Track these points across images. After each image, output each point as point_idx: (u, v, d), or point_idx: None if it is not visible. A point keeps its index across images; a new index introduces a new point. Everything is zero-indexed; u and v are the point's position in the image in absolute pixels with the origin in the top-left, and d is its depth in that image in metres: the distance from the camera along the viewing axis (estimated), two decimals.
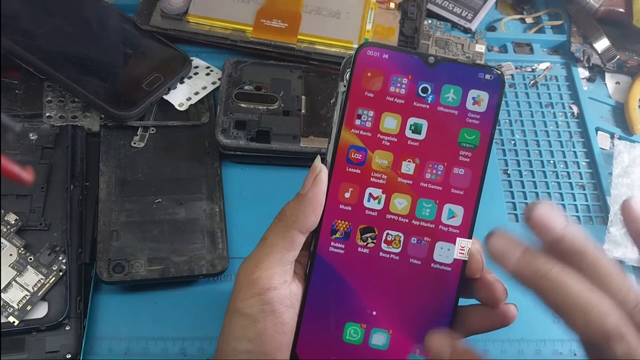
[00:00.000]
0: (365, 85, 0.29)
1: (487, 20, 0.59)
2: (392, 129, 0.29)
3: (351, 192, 0.29)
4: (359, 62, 0.28)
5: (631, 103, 0.54)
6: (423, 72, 0.28)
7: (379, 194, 0.29)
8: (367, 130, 0.29)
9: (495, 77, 0.28)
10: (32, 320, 0.38)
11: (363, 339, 0.29)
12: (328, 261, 0.29)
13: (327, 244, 0.29)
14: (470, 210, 0.29)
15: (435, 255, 0.29)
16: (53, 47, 0.47)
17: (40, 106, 0.46)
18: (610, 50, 0.56)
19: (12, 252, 0.39)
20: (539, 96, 0.55)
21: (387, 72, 0.28)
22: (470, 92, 0.28)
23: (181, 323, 0.41)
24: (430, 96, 0.28)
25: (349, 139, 0.29)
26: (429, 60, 0.28)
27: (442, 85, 0.28)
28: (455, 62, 0.29)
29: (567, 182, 0.50)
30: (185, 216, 0.43)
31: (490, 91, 0.28)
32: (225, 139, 0.45)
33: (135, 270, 0.40)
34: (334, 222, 0.29)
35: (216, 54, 0.52)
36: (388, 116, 0.29)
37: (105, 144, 0.45)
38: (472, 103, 0.28)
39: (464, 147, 0.29)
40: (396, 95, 0.29)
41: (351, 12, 0.52)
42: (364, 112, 0.29)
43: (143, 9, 0.51)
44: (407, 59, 0.28)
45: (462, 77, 0.28)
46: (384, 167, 0.29)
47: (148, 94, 0.46)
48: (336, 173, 0.29)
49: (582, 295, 0.22)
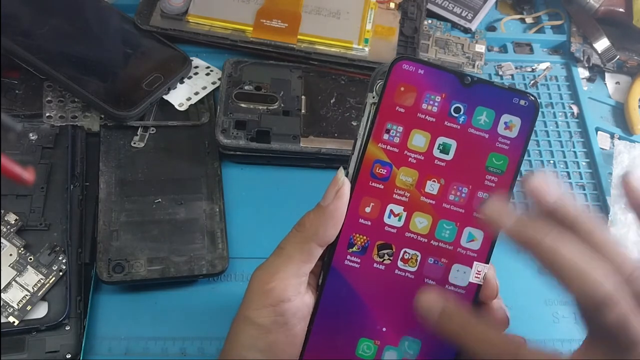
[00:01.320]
0: (397, 100, 0.28)
1: (487, 20, 0.59)
2: (420, 147, 0.28)
3: (372, 207, 0.28)
4: (393, 75, 0.28)
5: (631, 103, 0.54)
6: (457, 92, 0.28)
7: (400, 212, 0.28)
8: (395, 145, 0.28)
9: (529, 103, 0.28)
10: (32, 320, 0.38)
11: (375, 355, 0.29)
12: (342, 274, 0.29)
13: (343, 256, 0.29)
14: (490, 235, 0.28)
15: (450, 277, 0.29)
16: (53, 47, 0.47)
17: (40, 106, 0.46)
18: (610, 50, 0.56)
19: (12, 252, 0.39)
20: (539, 96, 0.55)
21: (420, 88, 0.28)
22: (503, 116, 0.28)
23: (181, 323, 0.41)
24: (462, 117, 0.28)
25: (375, 153, 0.28)
26: (465, 80, 0.28)
27: (476, 106, 0.28)
28: (491, 85, 0.28)
29: (567, 182, 0.50)
30: (185, 216, 0.43)
31: (523, 117, 0.28)
32: (225, 139, 0.45)
33: (135, 270, 0.40)
34: (352, 235, 0.29)
35: (216, 54, 0.52)
36: (417, 133, 0.28)
37: (105, 144, 0.45)
38: (503, 128, 0.28)
39: (491, 171, 0.28)
40: (427, 113, 0.28)
41: (351, 12, 0.52)
42: (393, 126, 0.28)
43: (143, 9, 0.51)
44: (443, 76, 0.28)
45: (497, 100, 0.28)
46: (408, 184, 0.28)
47: (148, 94, 0.46)
48: (359, 186, 0.28)
49: (578, 260, 0.22)
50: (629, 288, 0.23)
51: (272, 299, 0.27)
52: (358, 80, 0.51)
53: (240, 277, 0.43)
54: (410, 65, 0.28)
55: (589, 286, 0.22)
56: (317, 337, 0.29)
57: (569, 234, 0.23)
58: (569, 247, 0.23)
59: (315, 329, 0.29)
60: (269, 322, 0.27)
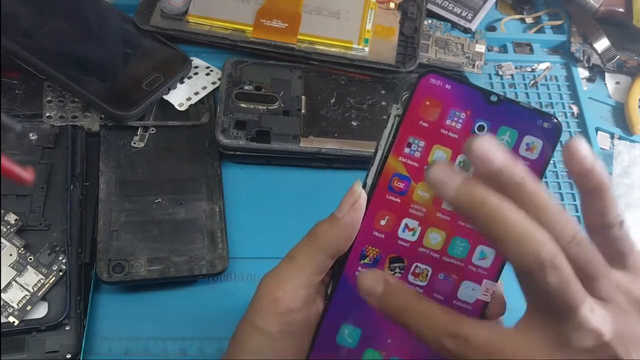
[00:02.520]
0: (422, 114, 0.27)
1: (487, 20, 0.59)
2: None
3: (387, 221, 0.28)
4: (419, 89, 0.27)
5: (631, 103, 0.54)
6: (483, 110, 0.27)
7: (415, 226, 0.28)
8: (415, 160, 0.28)
9: (553, 126, 0.27)
10: (32, 320, 0.38)
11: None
12: (353, 286, 0.28)
13: (354, 268, 0.29)
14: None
15: (459, 293, 0.28)
16: (53, 47, 0.47)
17: (40, 106, 0.46)
18: (610, 50, 0.56)
19: (12, 252, 0.39)
20: (539, 96, 0.55)
21: (446, 104, 0.27)
22: (525, 137, 0.27)
23: (181, 323, 0.41)
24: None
25: (394, 166, 0.28)
26: (491, 98, 0.27)
27: (500, 126, 0.27)
28: (517, 104, 0.27)
29: (567, 182, 0.50)
30: (185, 216, 0.43)
31: (545, 139, 0.27)
32: (225, 139, 0.45)
33: (135, 270, 0.40)
34: (365, 247, 0.28)
35: (216, 54, 0.52)
36: (439, 149, 0.28)
37: (105, 144, 0.45)
38: (525, 149, 0.27)
39: None
40: (451, 129, 0.27)
41: (351, 12, 0.52)
42: (415, 141, 0.28)
43: (143, 9, 0.51)
44: (469, 93, 0.27)
45: (521, 120, 0.27)
46: (425, 200, 0.28)
47: (148, 94, 0.46)
48: (375, 199, 0.28)
49: (518, 225, 0.22)
50: (569, 252, 0.22)
51: (281, 307, 0.27)
52: (358, 80, 0.51)
53: (240, 277, 0.43)
54: (438, 79, 0.27)
55: (530, 250, 0.22)
56: (323, 346, 0.29)
57: (509, 199, 0.23)
58: (511, 211, 0.22)
59: (320, 338, 0.29)
60: (275, 331, 0.27)
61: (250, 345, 0.28)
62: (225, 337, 0.29)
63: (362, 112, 0.49)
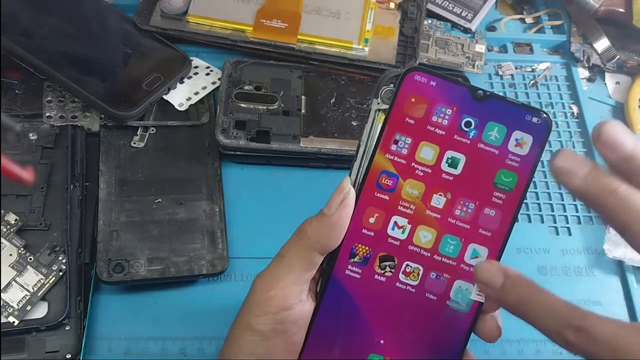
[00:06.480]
0: (407, 111, 0.27)
1: (487, 20, 0.59)
2: (427, 160, 0.28)
3: (376, 218, 0.28)
4: (404, 86, 0.27)
5: (631, 103, 0.54)
6: (469, 106, 0.27)
7: (405, 224, 0.28)
8: (402, 157, 0.28)
9: (542, 121, 0.27)
10: (32, 320, 0.38)
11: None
12: (342, 284, 0.28)
13: (344, 266, 0.29)
14: (495, 252, 0.28)
15: (452, 293, 0.28)
16: (53, 47, 0.47)
17: (40, 106, 0.46)
18: (610, 50, 0.56)
19: (12, 252, 0.39)
20: (539, 96, 0.55)
21: (432, 100, 0.27)
22: (514, 132, 0.27)
23: (181, 323, 0.41)
24: (472, 131, 0.27)
25: (382, 163, 0.28)
26: (478, 94, 0.27)
27: (487, 122, 0.27)
28: (504, 100, 0.27)
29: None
30: (185, 216, 0.43)
31: (535, 135, 0.27)
32: (225, 139, 0.45)
33: (135, 270, 0.40)
34: (355, 245, 0.28)
35: (216, 54, 0.52)
36: (426, 146, 0.28)
37: (105, 144, 0.45)
38: (514, 145, 0.27)
39: (499, 188, 0.28)
40: (437, 126, 0.27)
41: (351, 12, 0.52)
42: (402, 138, 0.28)
43: (143, 9, 0.51)
44: (455, 89, 0.27)
45: (509, 116, 0.27)
46: (414, 197, 0.28)
47: (148, 94, 0.46)
48: (364, 196, 0.28)
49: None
50: None
51: (273, 306, 0.27)
52: (358, 80, 0.51)
53: (240, 277, 0.43)
54: (423, 76, 0.27)
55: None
56: (315, 344, 0.29)
57: (637, 187, 0.22)
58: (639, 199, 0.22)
59: (312, 336, 0.29)
60: (268, 329, 0.27)
61: (243, 345, 0.28)
62: (224, 337, 0.29)
63: (362, 112, 0.49)
